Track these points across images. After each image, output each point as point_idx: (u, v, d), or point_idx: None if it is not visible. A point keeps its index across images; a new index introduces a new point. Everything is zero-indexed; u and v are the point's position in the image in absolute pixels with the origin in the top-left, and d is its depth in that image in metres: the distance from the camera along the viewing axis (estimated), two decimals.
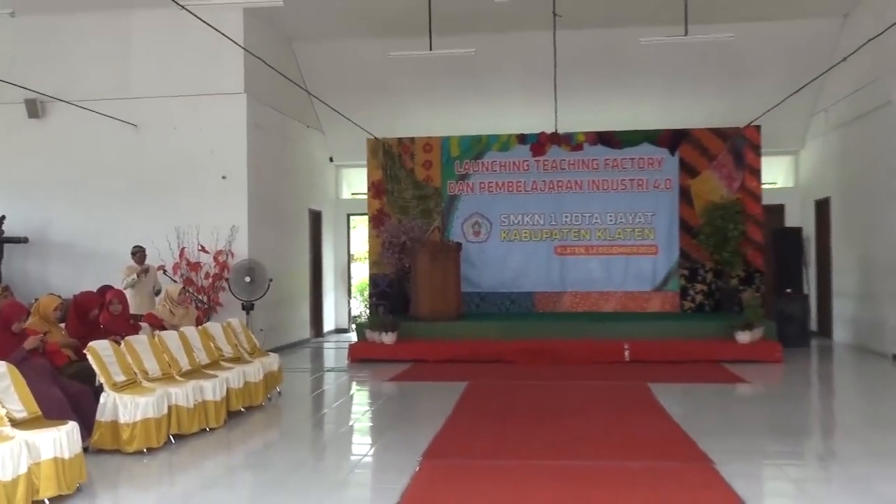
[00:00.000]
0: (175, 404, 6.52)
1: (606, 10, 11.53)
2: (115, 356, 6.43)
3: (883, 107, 11.34)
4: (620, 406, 8.19)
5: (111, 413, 6.11)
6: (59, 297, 7.25)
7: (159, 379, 6.76)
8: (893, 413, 8.24)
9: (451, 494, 5.11)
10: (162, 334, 7.41)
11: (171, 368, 7.05)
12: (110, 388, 6.17)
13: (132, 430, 6.07)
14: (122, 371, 6.40)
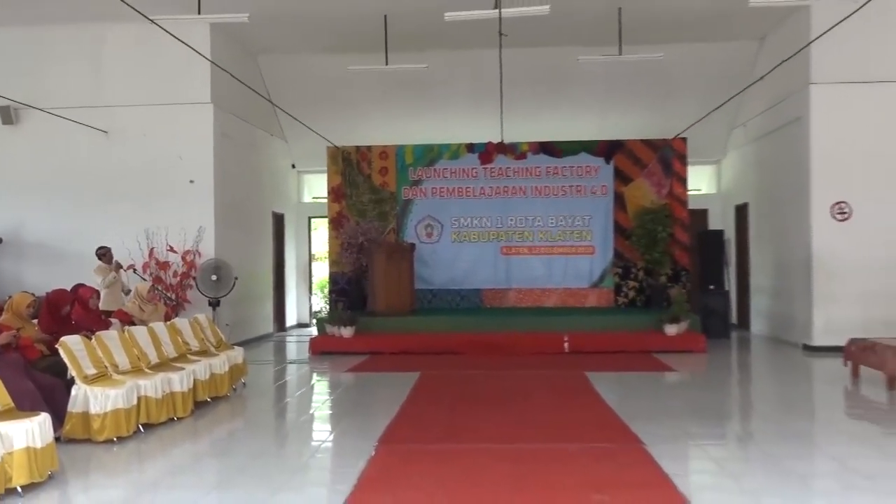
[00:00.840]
0: (144, 395, 6.37)
1: (548, 31, 11.59)
2: (86, 350, 6.26)
3: (794, 122, 11.57)
4: (560, 393, 8.23)
5: (82, 404, 5.95)
6: (31, 295, 7.03)
7: (129, 372, 6.60)
8: (802, 398, 8.43)
9: (404, 476, 5.08)
10: (131, 329, 7.25)
11: (140, 362, 6.89)
12: (81, 381, 6.00)
13: (102, 421, 5.92)
14: (92, 364, 6.24)
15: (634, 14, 10.99)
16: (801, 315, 11.40)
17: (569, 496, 4.59)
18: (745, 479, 5.03)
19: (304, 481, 5.19)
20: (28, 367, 6.01)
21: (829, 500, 4.67)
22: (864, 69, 10.85)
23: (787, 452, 5.67)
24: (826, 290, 10.88)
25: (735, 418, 7.51)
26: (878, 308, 10.55)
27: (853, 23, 9.15)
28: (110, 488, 5.08)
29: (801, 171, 11.34)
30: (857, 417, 7.39)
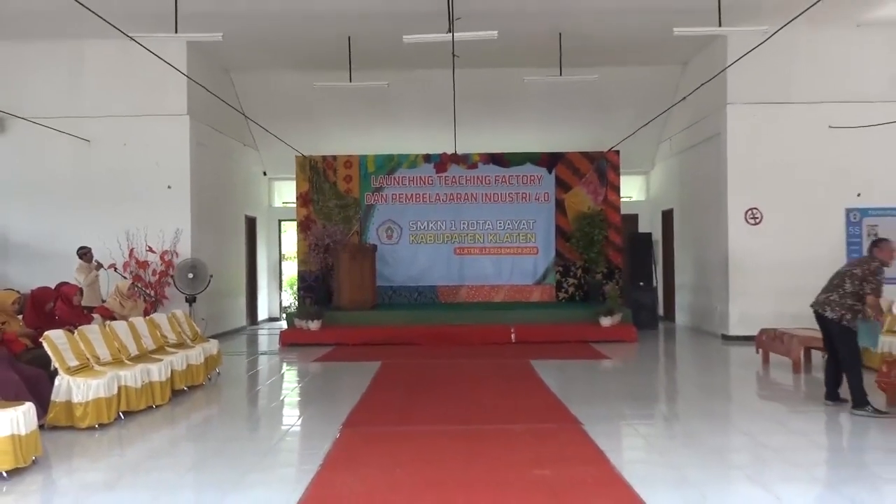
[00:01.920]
0: (124, 385, 6.23)
1: (497, 54, 11.64)
2: (68, 343, 6.09)
3: (713, 137, 11.78)
4: (507, 379, 8.27)
5: (65, 394, 5.79)
6: (16, 292, 6.83)
7: (110, 363, 6.44)
8: (720, 381, 8.59)
9: (366, 456, 5.05)
10: (112, 324, 7.07)
11: (120, 354, 6.73)
12: (64, 372, 5.84)
13: (85, 409, 5.77)
14: (75, 357, 6.07)
15: (573, 40, 11.09)
16: (719, 308, 11.61)
17: (514, 472, 4.61)
18: (671, 455, 5.12)
19: (273, 462, 5.12)
20: (13, 359, 5.84)
21: (742, 471, 4.77)
22: (772, 91, 11.11)
23: (706, 430, 5.79)
24: (740, 285, 11.12)
25: (662, 400, 7.62)
26: (785, 301, 10.78)
27: (763, 51, 9.37)
28: (92, 471, 4.96)
29: (718, 181, 11.55)
30: (766, 398, 7.57)
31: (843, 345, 6.37)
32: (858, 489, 4.29)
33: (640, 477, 4.43)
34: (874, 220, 11.18)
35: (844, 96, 11.00)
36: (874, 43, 10.98)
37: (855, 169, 11.08)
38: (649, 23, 10.42)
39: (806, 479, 4.45)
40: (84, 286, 9.04)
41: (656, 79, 13.14)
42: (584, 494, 4.18)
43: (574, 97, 13.19)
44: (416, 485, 4.40)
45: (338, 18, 10.32)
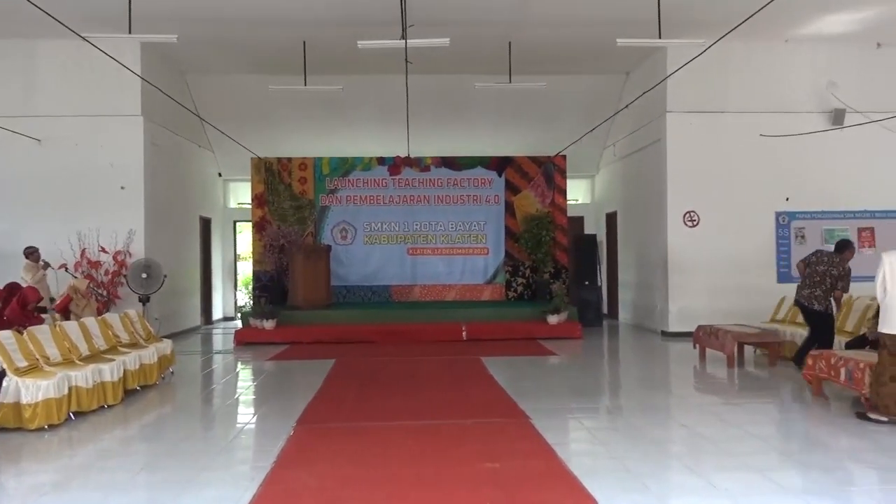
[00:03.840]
0: (75, 385, 6.02)
1: (449, 60, 11.67)
2: (17, 344, 5.86)
3: (654, 143, 12.01)
4: (459, 376, 8.28)
5: (14, 395, 5.56)
6: None
7: (60, 363, 6.22)
8: (660, 376, 8.74)
9: (320, 452, 4.99)
10: (63, 324, 6.83)
11: (71, 354, 6.50)
12: (13, 373, 5.61)
13: (34, 410, 5.56)
14: (24, 357, 5.84)
15: (522, 49, 11.19)
16: (659, 305, 11.84)
17: (464, 466, 4.62)
18: (614, 446, 5.18)
19: (228, 460, 5.01)
20: None
21: (680, 461, 4.88)
22: (709, 101, 11.39)
23: (647, 422, 5.90)
24: (679, 284, 11.36)
25: (606, 394, 7.71)
26: (720, 299, 11.10)
27: (700, 63, 9.61)
28: (41, 473, 4.77)
29: (659, 185, 11.77)
30: (702, 391, 7.74)
31: (828, 328, 7.69)
32: (786, 475, 4.43)
33: (585, 468, 4.49)
34: (801, 223, 11.58)
35: (774, 107, 11.36)
36: (801, 57, 11.37)
37: (784, 175, 11.44)
38: (594, 34, 10.58)
39: (739, 467, 4.57)
40: (34, 283, 8.72)
41: (601, 87, 13.33)
42: (532, 486, 4.21)
43: (523, 104, 13.29)
44: (369, 480, 4.37)
45: (293, 24, 10.19)
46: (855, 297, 8.56)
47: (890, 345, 5.56)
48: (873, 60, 11.32)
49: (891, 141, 11.14)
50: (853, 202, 11.55)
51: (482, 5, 9.59)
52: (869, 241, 11.56)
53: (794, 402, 6.73)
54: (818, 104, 11.38)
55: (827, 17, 10.25)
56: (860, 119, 11.07)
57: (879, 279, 5.69)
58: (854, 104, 11.19)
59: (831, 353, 6.65)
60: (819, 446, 5.26)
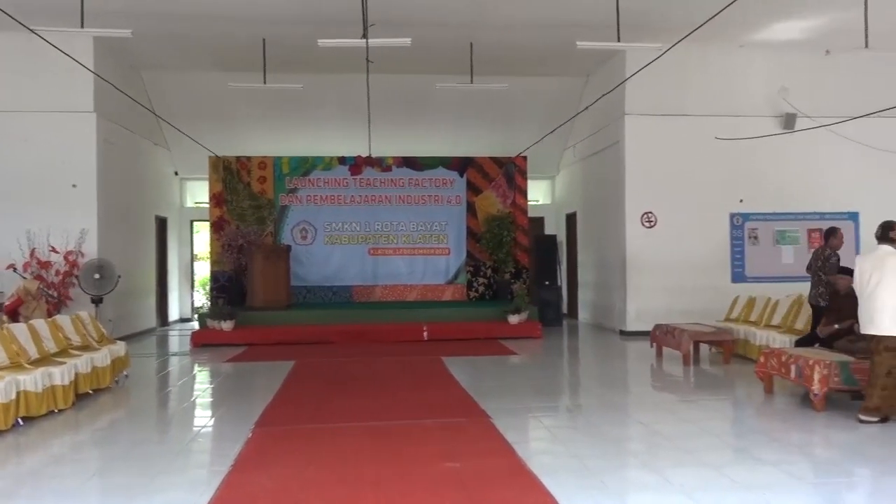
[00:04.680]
0: (23, 390, 5.82)
1: (411, 60, 11.66)
2: None
3: (613, 145, 12.17)
4: (419, 376, 8.27)
5: None
6: None
7: (7, 367, 6.01)
8: (618, 375, 8.85)
9: (278, 455, 4.92)
10: (10, 326, 6.60)
11: (19, 357, 6.29)
12: None
13: None
14: None
15: (484, 50, 11.23)
16: (618, 305, 12.00)
17: (424, 466, 4.61)
18: (573, 444, 5.22)
19: (184, 464, 4.92)
20: None
21: (637, 458, 4.96)
22: (666, 104, 11.60)
23: (606, 420, 5.98)
24: (637, 284, 11.54)
25: (566, 393, 7.79)
26: (677, 299, 11.31)
27: (658, 67, 9.75)
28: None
29: (617, 186, 11.92)
30: (659, 389, 7.88)
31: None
32: (739, 470, 4.53)
33: (544, 467, 4.52)
34: (755, 224, 11.88)
35: (729, 110, 11.63)
36: (754, 63, 11.65)
37: (738, 177, 11.72)
38: (555, 36, 10.68)
39: (694, 463, 4.66)
40: None
41: (561, 89, 13.45)
42: (492, 485, 4.23)
43: (484, 104, 13.34)
44: (327, 482, 4.33)
45: (252, 21, 10.05)
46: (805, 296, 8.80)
47: (872, 345, 5.66)
48: (822, 67, 11.67)
49: (839, 145, 11.50)
50: (804, 204, 11.89)
51: (443, 6, 9.60)
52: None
53: (747, 399, 6.90)
54: (771, 108, 11.69)
55: (778, 25, 10.53)
56: (810, 123, 11.40)
57: (856, 283, 5.76)
58: (804, 109, 11.52)
59: (782, 351, 6.83)
60: (771, 441, 5.40)
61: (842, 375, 6.04)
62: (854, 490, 4.27)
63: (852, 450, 5.07)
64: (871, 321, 5.59)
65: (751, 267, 11.77)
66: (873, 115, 10.37)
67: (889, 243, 5.69)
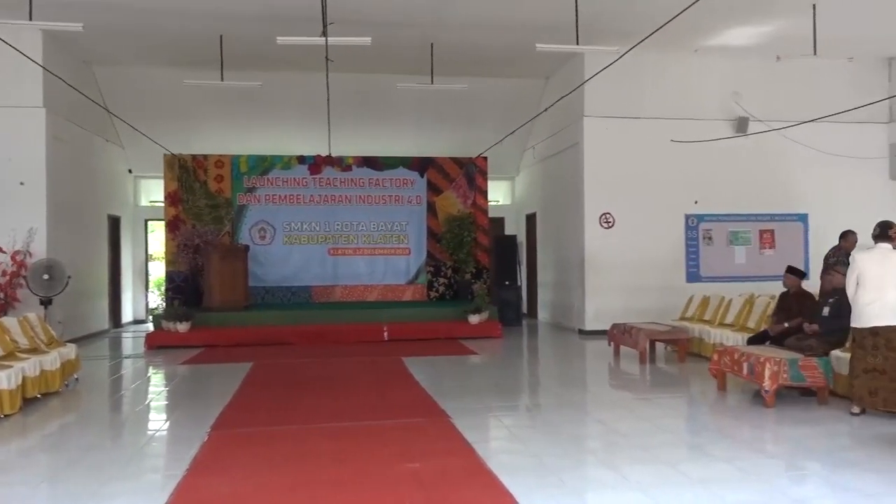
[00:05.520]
0: None
1: (371, 60, 11.61)
2: None
3: (571, 147, 12.31)
4: (380, 376, 8.23)
5: None
6: None
7: None
8: (577, 373, 8.94)
9: (235, 458, 4.85)
10: None
11: None
12: None
13: None
14: None
15: (444, 50, 11.24)
16: (576, 304, 12.14)
17: (384, 467, 4.59)
18: (532, 443, 5.27)
19: (137, 469, 4.79)
20: None
21: (595, 455, 5.02)
22: (624, 107, 11.78)
23: (564, 419, 6.04)
24: (595, 284, 11.69)
25: (525, 392, 7.83)
26: (634, 298, 11.50)
27: (616, 70, 9.91)
28: None
29: (576, 187, 12.06)
30: (616, 387, 7.99)
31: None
32: (693, 467, 4.63)
33: (504, 465, 4.55)
34: (709, 224, 12.15)
35: (684, 114, 11.87)
36: (708, 67, 11.92)
37: (693, 179, 11.96)
38: (515, 38, 10.75)
39: (650, 460, 4.74)
40: None
41: (521, 90, 13.55)
42: (451, 485, 4.23)
43: (445, 105, 13.36)
44: (285, 485, 4.28)
45: (209, 16, 9.86)
46: (757, 295, 9.05)
47: (858, 339, 5.86)
48: (773, 73, 11.99)
49: (789, 148, 11.84)
50: (756, 205, 12.20)
51: (403, 6, 9.58)
52: (769, 243, 12.25)
53: (701, 396, 7.04)
54: (724, 112, 11.97)
55: (731, 31, 10.79)
56: (762, 127, 11.71)
57: (853, 278, 5.90)
58: (756, 113, 11.83)
59: (735, 349, 7.00)
60: (724, 438, 5.52)
61: (791, 372, 6.22)
62: (803, 484, 4.40)
63: (801, 445, 5.21)
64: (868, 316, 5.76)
65: (705, 267, 12.03)
66: (821, 120, 10.71)
67: (888, 241, 5.91)
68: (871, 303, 5.75)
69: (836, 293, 7.06)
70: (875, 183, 12.39)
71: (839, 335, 6.83)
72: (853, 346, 5.97)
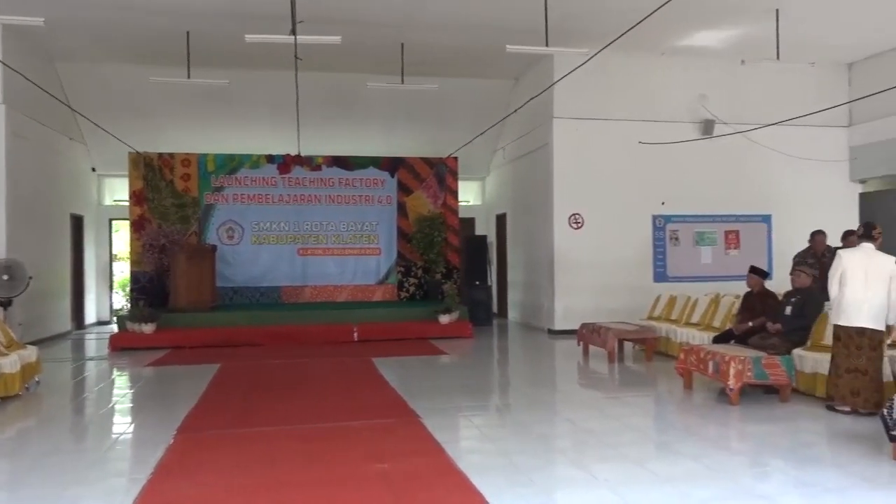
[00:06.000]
0: None
1: (341, 59, 11.54)
2: None
3: (541, 148, 12.38)
4: (349, 377, 8.18)
5: None
6: None
7: None
8: (546, 373, 9.00)
9: (202, 461, 4.78)
10: None
11: None
12: None
13: None
14: None
15: (415, 50, 11.23)
16: (546, 304, 12.22)
17: (353, 468, 4.57)
18: (502, 443, 5.29)
19: (100, 474, 4.69)
20: None
21: (564, 454, 5.05)
22: (593, 108, 11.88)
23: (534, 418, 6.07)
24: (564, 284, 11.77)
25: (495, 392, 7.86)
26: (603, 298, 11.60)
27: (585, 72, 9.99)
28: None
29: (546, 188, 12.14)
30: (586, 386, 8.05)
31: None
32: (660, 464, 4.69)
33: (474, 466, 4.55)
34: (675, 225, 12.32)
35: (652, 116, 12.02)
36: (675, 70, 12.08)
37: (660, 180, 12.12)
38: (485, 39, 10.77)
39: (618, 458, 4.79)
40: None
41: (492, 91, 13.59)
42: (421, 485, 4.23)
43: (415, 105, 13.34)
44: (253, 487, 4.23)
45: (175, 12, 9.70)
46: (722, 294, 9.20)
47: (844, 337, 5.93)
48: (738, 76, 12.20)
49: (753, 151, 12.06)
50: (721, 206, 12.40)
51: (374, 5, 9.54)
52: (734, 243, 12.47)
53: (668, 395, 7.13)
54: (691, 115, 12.14)
55: (698, 34, 10.95)
56: (727, 130, 11.92)
57: (837, 276, 5.99)
58: (722, 116, 12.03)
59: (700, 348, 7.10)
60: (690, 436, 5.60)
61: (754, 371, 6.33)
62: (767, 480, 4.48)
63: (765, 442, 5.31)
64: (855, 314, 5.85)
65: (672, 267, 12.20)
66: (784, 123, 10.94)
67: (871, 241, 6.05)
68: (859, 302, 5.85)
69: (798, 293, 7.22)
70: (836, 185, 12.69)
71: (801, 334, 6.99)
72: (836, 343, 6.00)
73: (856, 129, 12.63)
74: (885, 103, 11.12)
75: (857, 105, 12.16)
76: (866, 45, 11.66)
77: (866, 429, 5.45)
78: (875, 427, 5.22)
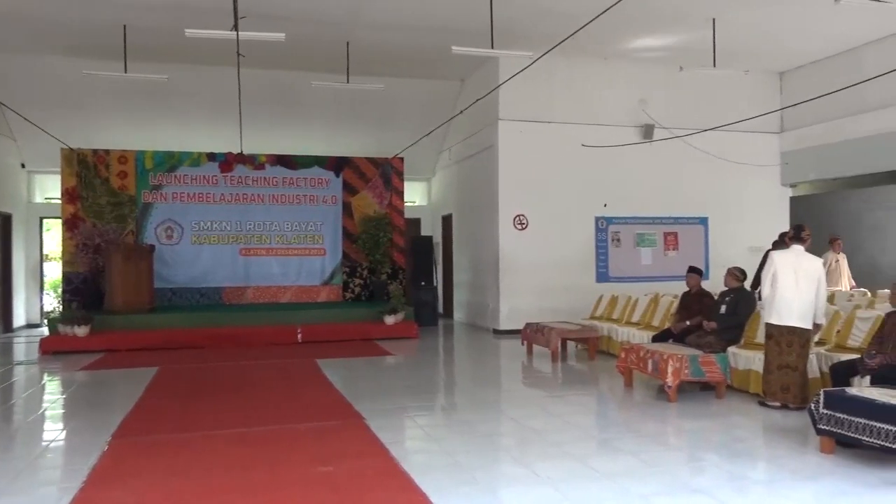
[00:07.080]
0: None
1: (285, 56, 11.38)
2: None
3: (487, 149, 12.48)
4: (293, 379, 8.08)
5: None
6: None
7: None
8: (491, 372, 9.07)
9: (137, 467, 4.64)
10: None
11: None
12: None
13: None
14: None
15: (360, 50, 11.16)
16: (491, 305, 12.32)
17: (296, 471, 4.51)
18: (446, 442, 5.30)
19: (29, 483, 4.50)
20: None
21: (508, 452, 5.10)
22: (537, 111, 12.04)
23: (479, 418, 6.11)
24: (509, 284, 11.89)
25: (440, 392, 7.87)
26: (547, 298, 11.77)
27: (530, 75, 10.12)
28: None
29: (491, 189, 12.23)
30: (529, 385, 8.15)
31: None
32: (601, 461, 4.78)
33: (418, 466, 4.56)
34: (617, 227, 12.59)
35: (594, 119, 12.25)
36: (617, 74, 12.35)
37: (602, 183, 12.37)
38: (431, 40, 10.79)
39: (560, 455, 4.86)
40: None
41: (438, 92, 13.62)
42: (365, 486, 4.20)
43: (361, 104, 13.27)
44: (193, 493, 4.13)
45: (111, 4, 9.39)
46: (661, 294, 9.45)
47: (776, 335, 6.15)
48: (677, 82, 12.55)
49: (691, 155, 12.43)
50: (661, 209, 12.74)
51: (319, 3, 9.44)
52: (673, 245, 12.82)
53: (609, 393, 7.29)
54: (631, 119, 12.44)
55: (639, 40, 11.23)
56: (666, 134, 12.25)
57: (769, 276, 6.21)
58: (661, 120, 12.36)
59: (640, 347, 7.28)
60: (630, 432, 5.74)
61: (691, 368, 6.53)
62: (702, 474, 4.62)
63: (700, 437, 5.49)
64: (787, 313, 6.07)
65: (613, 267, 12.46)
66: (720, 129, 11.33)
67: (801, 243, 6.28)
68: (790, 301, 6.10)
69: (731, 293, 7.48)
70: (768, 189, 13.19)
71: (735, 332, 7.25)
72: (768, 341, 6.24)
73: (787, 135, 13.16)
74: (814, 111, 11.65)
75: (788, 112, 12.67)
76: (797, 55, 12.17)
77: (795, 423, 5.69)
78: (803, 421, 5.46)
